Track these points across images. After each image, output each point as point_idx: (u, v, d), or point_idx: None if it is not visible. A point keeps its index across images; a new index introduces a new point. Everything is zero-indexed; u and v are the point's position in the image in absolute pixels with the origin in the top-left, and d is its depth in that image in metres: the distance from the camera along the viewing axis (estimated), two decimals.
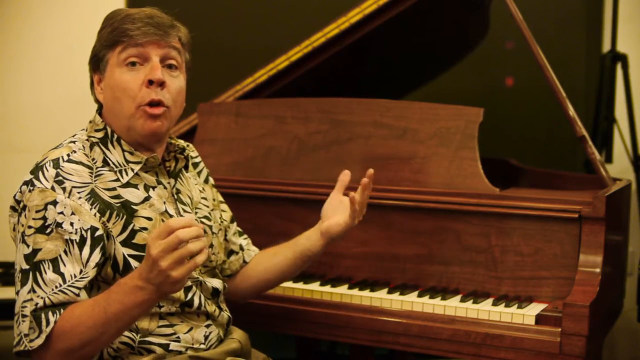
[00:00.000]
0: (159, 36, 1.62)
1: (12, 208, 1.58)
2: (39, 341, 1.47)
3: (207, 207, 1.83)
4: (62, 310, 1.49)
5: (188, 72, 1.72)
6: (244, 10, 3.42)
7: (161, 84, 1.61)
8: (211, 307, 1.72)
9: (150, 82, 1.60)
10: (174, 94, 1.65)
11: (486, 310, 1.87)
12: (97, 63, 1.65)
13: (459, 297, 1.97)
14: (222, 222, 1.89)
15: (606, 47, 3.53)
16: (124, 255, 1.58)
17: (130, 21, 1.61)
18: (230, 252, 1.92)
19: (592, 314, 1.77)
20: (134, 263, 1.58)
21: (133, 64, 1.61)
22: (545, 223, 1.95)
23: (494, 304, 1.91)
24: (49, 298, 1.49)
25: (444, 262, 2.05)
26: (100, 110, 1.69)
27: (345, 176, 1.90)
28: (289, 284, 2.08)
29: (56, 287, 1.49)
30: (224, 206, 1.94)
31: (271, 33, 3.31)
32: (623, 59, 3.45)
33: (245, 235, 2.00)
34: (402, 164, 2.15)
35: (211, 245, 1.78)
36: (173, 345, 1.63)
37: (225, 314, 1.78)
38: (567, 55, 3.50)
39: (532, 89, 3.42)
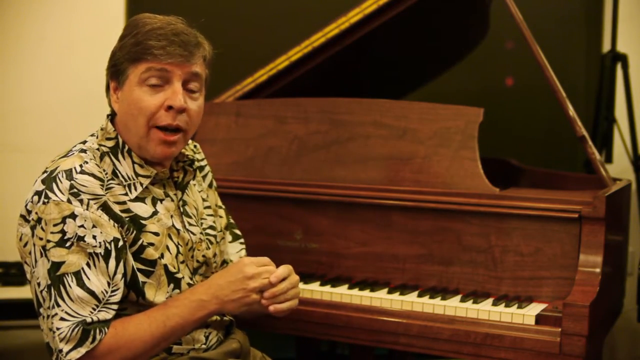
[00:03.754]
0: (183, 57, 1.59)
1: (23, 217, 1.55)
2: (76, 355, 1.47)
3: (211, 215, 1.83)
4: (106, 329, 1.50)
5: (206, 87, 1.70)
6: (244, 11, 3.42)
7: (181, 110, 1.60)
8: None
9: (170, 107, 1.59)
10: (193, 117, 1.64)
11: (486, 310, 1.87)
12: (116, 73, 1.61)
13: (459, 297, 1.97)
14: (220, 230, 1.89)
15: (606, 47, 3.54)
16: (133, 267, 1.58)
17: (156, 37, 1.57)
18: (222, 262, 1.91)
19: (592, 314, 1.77)
20: (141, 278, 1.59)
21: (154, 84, 1.58)
22: (545, 223, 1.95)
23: (494, 304, 1.91)
24: (92, 317, 1.49)
25: (444, 262, 2.05)
26: (113, 117, 1.67)
27: None
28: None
29: (95, 306, 1.49)
30: (222, 212, 1.93)
31: (271, 33, 3.31)
32: (623, 59, 3.45)
33: (242, 240, 2.00)
34: (402, 164, 2.15)
35: (214, 255, 1.78)
36: (175, 348, 1.64)
37: (227, 318, 1.78)
38: (567, 55, 3.51)
39: (532, 89, 3.42)
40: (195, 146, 1.87)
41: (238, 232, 1.99)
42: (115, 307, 1.53)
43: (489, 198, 2.01)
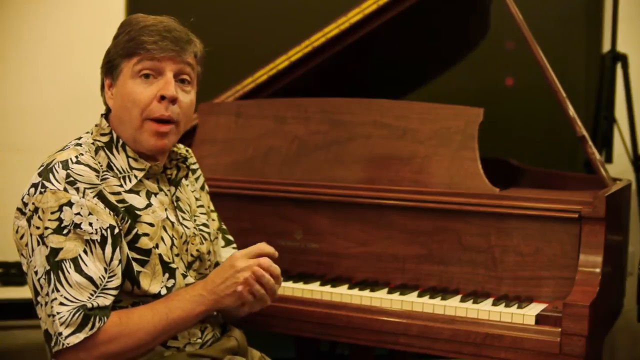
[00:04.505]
0: (175, 52, 1.63)
1: (19, 210, 1.57)
2: (75, 339, 1.49)
3: (204, 214, 1.85)
4: (105, 318, 1.52)
5: (198, 84, 1.73)
6: (244, 11, 3.43)
7: (173, 100, 1.63)
8: None
9: (162, 98, 1.62)
10: (185, 109, 1.67)
11: (486, 310, 1.87)
12: (110, 69, 1.65)
13: (459, 297, 1.97)
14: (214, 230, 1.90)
15: (606, 47, 3.54)
16: (127, 255, 1.59)
17: (148, 33, 1.61)
18: (215, 264, 1.91)
19: (592, 314, 1.77)
20: (136, 267, 1.60)
21: (147, 76, 1.62)
22: (545, 223, 1.95)
23: (494, 304, 1.91)
24: (91, 302, 1.51)
25: (444, 262, 2.05)
26: (107, 114, 1.69)
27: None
28: (289, 284, 2.08)
29: (93, 292, 1.51)
30: (214, 215, 1.95)
31: (271, 33, 3.31)
32: (623, 59, 3.45)
33: (234, 245, 2.01)
34: (402, 164, 2.15)
35: (208, 252, 1.79)
36: (171, 342, 1.66)
37: (220, 316, 1.79)
38: (567, 55, 3.51)
39: (532, 89, 3.42)
40: (187, 150, 1.88)
41: (230, 237, 2.01)
42: (113, 292, 1.55)
43: (489, 198, 2.01)
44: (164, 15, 1.69)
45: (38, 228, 1.52)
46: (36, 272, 1.53)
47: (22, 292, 3.04)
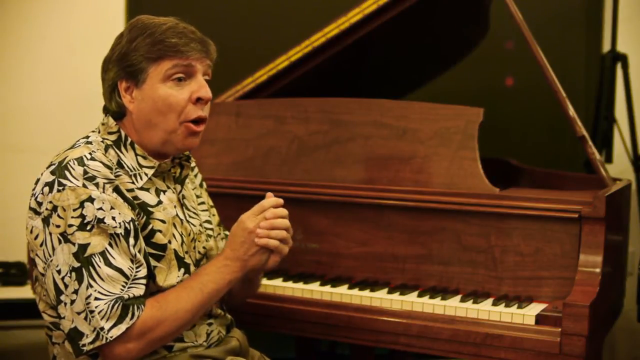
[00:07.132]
0: (203, 53, 1.65)
1: (33, 210, 1.56)
2: (117, 332, 1.49)
3: (206, 211, 1.86)
4: (143, 306, 1.53)
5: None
6: (244, 11, 3.43)
7: (207, 101, 1.66)
8: (217, 311, 1.76)
9: (198, 100, 1.64)
10: (209, 107, 1.70)
11: (486, 310, 1.87)
12: (133, 73, 1.62)
13: (459, 297, 1.97)
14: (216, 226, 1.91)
15: (606, 47, 3.54)
16: (144, 249, 1.60)
17: (176, 35, 1.61)
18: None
19: (592, 314, 1.78)
20: (152, 262, 1.61)
21: (180, 79, 1.62)
22: (545, 223, 1.95)
23: (494, 304, 1.91)
24: (126, 294, 1.52)
25: (444, 262, 2.05)
26: (116, 116, 1.66)
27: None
28: (289, 284, 2.08)
29: (125, 283, 1.52)
30: (214, 210, 1.96)
31: (271, 33, 3.31)
32: (623, 59, 3.45)
33: None
34: (402, 164, 2.15)
35: (213, 249, 1.80)
36: (177, 346, 1.66)
37: (228, 316, 1.81)
38: (567, 55, 3.50)
39: (532, 89, 3.42)
40: None
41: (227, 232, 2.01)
42: (143, 282, 1.56)
43: (489, 198, 2.01)
44: (169, 16, 1.67)
45: (58, 226, 1.51)
46: (59, 271, 1.52)
47: (22, 292, 3.04)
